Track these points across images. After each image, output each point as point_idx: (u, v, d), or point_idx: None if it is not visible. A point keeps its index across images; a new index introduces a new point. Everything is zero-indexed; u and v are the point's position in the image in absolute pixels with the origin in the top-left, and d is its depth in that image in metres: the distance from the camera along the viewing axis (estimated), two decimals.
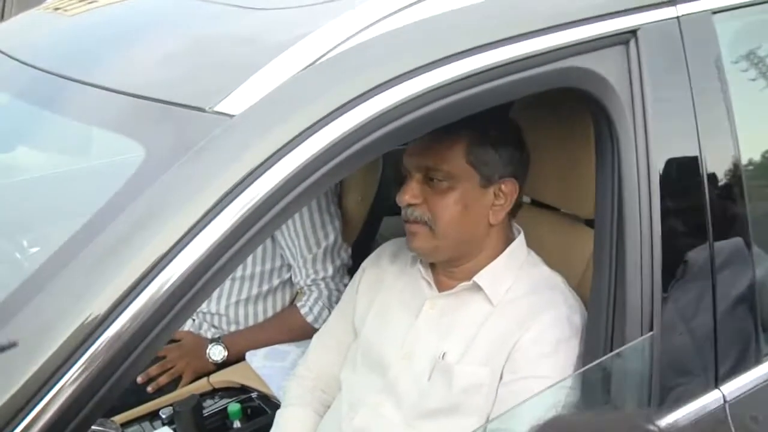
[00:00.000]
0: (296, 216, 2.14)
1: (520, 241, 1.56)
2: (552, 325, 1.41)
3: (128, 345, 0.92)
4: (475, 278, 1.50)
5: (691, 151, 1.33)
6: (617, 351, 1.26)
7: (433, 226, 1.47)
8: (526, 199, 1.93)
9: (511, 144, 1.51)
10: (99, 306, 0.90)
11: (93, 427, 1.75)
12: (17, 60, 1.34)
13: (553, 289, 1.49)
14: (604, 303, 1.31)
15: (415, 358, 1.51)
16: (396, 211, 1.59)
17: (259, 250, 2.21)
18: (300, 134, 1.00)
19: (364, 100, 1.03)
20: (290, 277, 2.24)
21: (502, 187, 1.49)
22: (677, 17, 1.32)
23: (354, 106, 1.02)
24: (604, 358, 1.27)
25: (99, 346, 0.90)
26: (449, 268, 1.55)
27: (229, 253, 0.97)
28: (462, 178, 1.46)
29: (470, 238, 1.51)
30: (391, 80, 1.05)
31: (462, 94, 1.13)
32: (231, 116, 1.02)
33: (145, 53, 1.26)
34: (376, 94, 1.04)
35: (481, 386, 1.42)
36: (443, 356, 1.46)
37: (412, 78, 1.08)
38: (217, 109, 1.04)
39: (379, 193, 2.35)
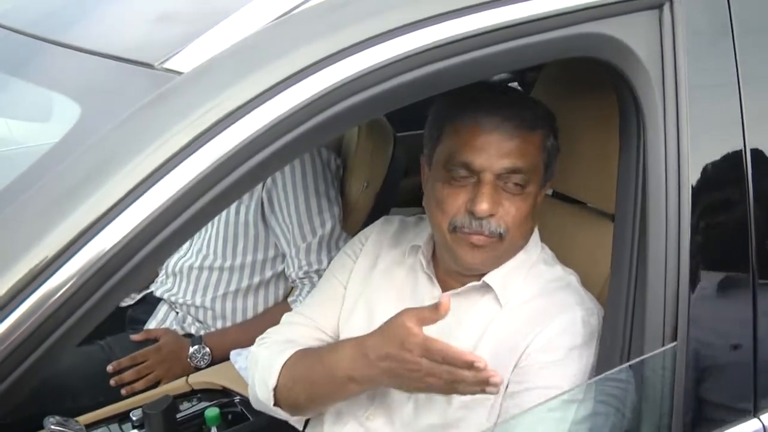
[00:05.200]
0: (290, 198, 2.08)
1: (535, 235, 1.49)
2: (564, 330, 1.34)
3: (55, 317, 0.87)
4: (486, 278, 1.42)
5: (732, 140, 1.23)
6: (630, 363, 1.17)
7: (505, 237, 1.37)
8: (548, 190, 1.86)
9: (557, 140, 1.44)
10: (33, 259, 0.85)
11: (52, 427, 1.74)
12: None
13: (567, 290, 1.42)
14: (621, 307, 1.23)
15: None
16: (407, 201, 1.51)
17: (251, 237, 2.15)
18: (255, 97, 0.92)
19: (326, 66, 0.95)
20: (284, 270, 2.17)
21: (547, 187, 1.46)
22: None
23: (321, 68, 0.95)
24: (614, 370, 1.19)
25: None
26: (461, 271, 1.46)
27: (172, 227, 0.91)
28: (535, 181, 1.39)
29: (524, 245, 1.45)
30: (372, 38, 0.97)
31: (460, 57, 1.04)
32: (179, 73, 0.95)
33: (96, 6, 1.20)
34: (350, 55, 0.96)
35: (485, 400, 1.34)
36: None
37: (393, 38, 0.99)
38: (166, 65, 0.97)
39: (387, 180, 2.26)
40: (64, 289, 0.86)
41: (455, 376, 1.21)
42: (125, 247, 0.88)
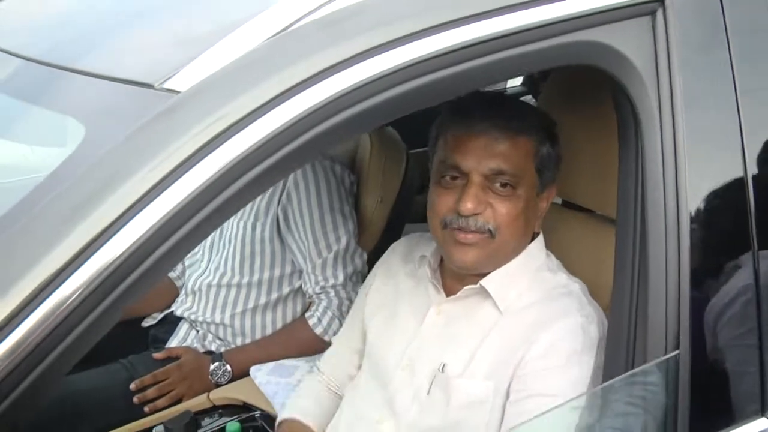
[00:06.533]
0: (305, 215, 2.11)
1: (538, 242, 1.52)
2: (564, 336, 1.36)
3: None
4: (483, 281, 1.45)
5: (731, 145, 1.23)
6: (632, 372, 1.17)
7: (496, 236, 1.41)
8: (557, 200, 1.87)
9: (557, 146, 1.48)
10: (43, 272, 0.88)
11: None
12: None
13: (568, 297, 1.43)
14: (625, 315, 1.23)
15: (416, 370, 1.48)
16: (421, 217, 1.55)
17: (268, 254, 2.18)
18: (252, 112, 0.95)
19: (321, 80, 0.98)
20: (301, 286, 2.20)
21: (548, 193, 1.48)
22: None
23: (307, 87, 0.97)
24: (615, 379, 1.19)
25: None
26: (462, 272, 1.50)
27: (177, 235, 0.94)
28: (527, 185, 1.42)
29: (518, 247, 1.47)
30: (357, 55, 1.00)
31: (456, 67, 1.06)
32: (177, 92, 0.99)
33: (96, 30, 1.24)
34: (337, 72, 0.99)
35: (483, 403, 1.38)
36: (443, 368, 1.43)
37: (389, 50, 1.02)
38: (165, 86, 1.01)
39: (401, 196, 2.29)
40: (73, 298, 0.90)
41: None
42: (130, 257, 0.91)
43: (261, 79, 0.98)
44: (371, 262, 2.14)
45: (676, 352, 1.18)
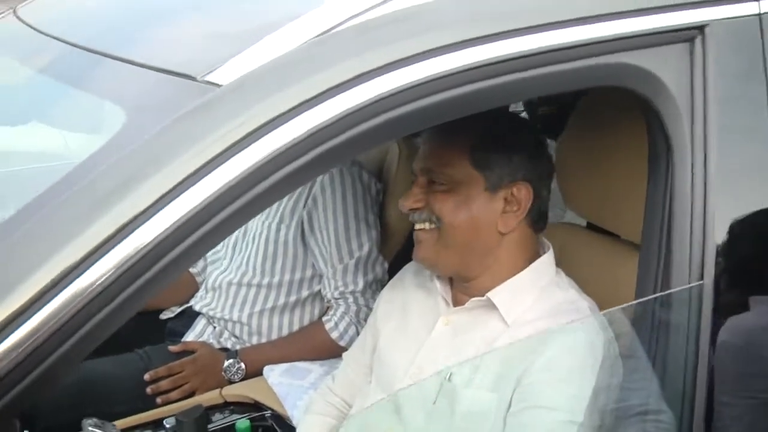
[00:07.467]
0: (330, 220, 2.12)
1: (547, 258, 1.52)
2: (567, 350, 1.36)
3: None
4: (489, 294, 1.47)
5: (762, 180, 1.24)
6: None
7: (440, 226, 1.47)
8: (581, 221, 1.87)
9: (525, 147, 1.50)
10: (68, 258, 0.90)
11: (89, 428, 1.80)
12: None
13: (576, 313, 1.43)
14: None
15: (423, 380, 1.49)
16: None
17: (290, 256, 2.20)
18: (289, 110, 0.97)
19: (358, 84, 1.00)
20: (321, 290, 2.22)
21: (514, 191, 1.47)
22: (759, 14, 1.23)
23: (345, 90, 0.99)
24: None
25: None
26: (463, 283, 1.53)
27: (204, 228, 0.96)
28: (465, 181, 1.47)
29: (478, 248, 1.49)
30: (394, 63, 1.02)
31: (489, 81, 1.08)
32: (219, 86, 1.01)
33: (143, 19, 1.27)
34: (373, 78, 1.00)
35: (487, 414, 1.38)
36: (449, 377, 1.43)
37: (417, 62, 1.03)
38: (207, 78, 1.03)
39: None
40: (93, 288, 0.91)
41: None
42: (153, 250, 0.93)
43: (301, 78, 0.99)
44: (392, 272, 2.16)
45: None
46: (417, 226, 1.52)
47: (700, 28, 1.20)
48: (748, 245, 1.24)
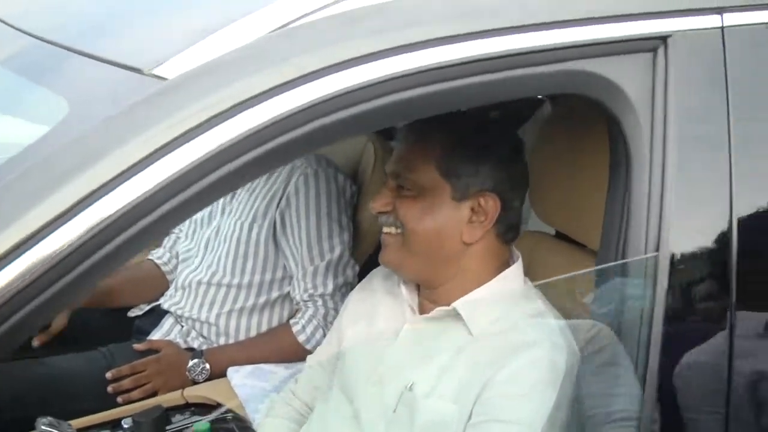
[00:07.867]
0: (302, 220, 2.11)
1: (516, 268, 1.50)
2: (529, 364, 1.34)
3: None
4: (455, 304, 1.45)
5: (718, 192, 1.22)
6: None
7: (404, 231, 1.47)
8: (550, 230, 1.86)
9: (496, 157, 1.47)
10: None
11: (43, 427, 1.77)
12: None
13: (540, 326, 1.42)
14: None
15: (385, 387, 1.47)
16: None
17: (261, 257, 2.18)
18: (232, 107, 0.96)
19: (304, 83, 0.99)
20: (290, 292, 2.20)
21: (481, 202, 1.45)
22: (722, 27, 1.23)
23: (292, 88, 0.98)
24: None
25: None
26: (429, 290, 1.52)
27: (147, 219, 0.94)
28: (431, 188, 1.45)
29: (442, 256, 1.47)
30: (348, 61, 1.01)
31: (452, 82, 1.07)
32: (165, 80, 0.99)
33: (97, 13, 1.26)
34: (317, 78, 0.99)
35: (447, 424, 1.37)
36: (411, 387, 1.42)
37: (381, 59, 1.03)
38: (154, 72, 1.02)
39: None
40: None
41: None
42: (89, 241, 0.91)
43: (249, 73, 0.98)
44: (363, 276, 2.14)
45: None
46: (384, 230, 1.52)
47: (663, 39, 1.19)
48: (701, 258, 1.23)
